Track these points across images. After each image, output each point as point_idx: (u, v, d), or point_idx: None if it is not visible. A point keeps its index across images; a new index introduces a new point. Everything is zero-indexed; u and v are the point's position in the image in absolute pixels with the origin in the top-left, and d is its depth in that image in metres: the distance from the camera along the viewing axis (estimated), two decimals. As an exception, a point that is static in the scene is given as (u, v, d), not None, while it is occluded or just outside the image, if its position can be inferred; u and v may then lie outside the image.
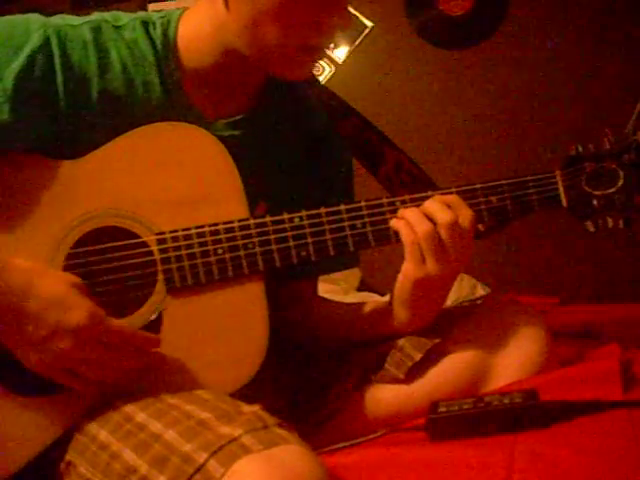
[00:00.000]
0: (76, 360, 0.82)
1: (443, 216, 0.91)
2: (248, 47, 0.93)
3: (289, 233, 0.92)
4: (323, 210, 0.93)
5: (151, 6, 2.82)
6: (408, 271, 0.93)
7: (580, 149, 0.96)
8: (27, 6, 0.98)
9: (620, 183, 0.94)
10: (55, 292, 0.81)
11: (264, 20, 0.90)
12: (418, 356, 0.98)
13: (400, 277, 0.95)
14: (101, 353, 0.82)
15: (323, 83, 2.78)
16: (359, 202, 0.94)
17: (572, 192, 0.95)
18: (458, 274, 0.96)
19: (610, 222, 0.96)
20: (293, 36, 0.91)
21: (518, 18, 2.69)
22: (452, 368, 0.99)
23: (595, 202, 0.95)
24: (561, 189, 0.95)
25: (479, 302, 1.43)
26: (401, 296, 0.96)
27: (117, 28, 0.95)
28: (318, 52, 0.96)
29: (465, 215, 0.92)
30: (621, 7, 2.59)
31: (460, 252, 0.92)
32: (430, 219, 0.92)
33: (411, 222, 0.92)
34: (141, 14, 0.98)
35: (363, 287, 2.59)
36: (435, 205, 0.92)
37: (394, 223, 0.93)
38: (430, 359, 0.99)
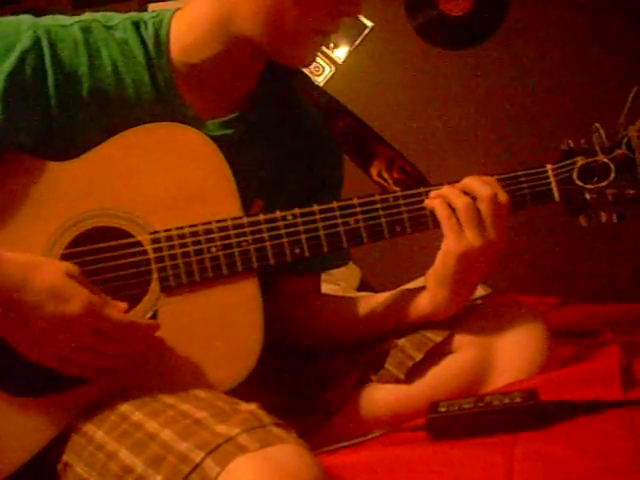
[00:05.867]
0: (77, 349, 0.82)
1: (485, 190, 0.93)
2: (260, 31, 0.93)
3: (282, 231, 0.92)
4: (316, 207, 0.93)
5: (151, 6, 2.81)
6: (449, 245, 0.93)
7: (571, 144, 0.97)
8: (28, 7, 0.98)
9: (612, 177, 0.95)
10: (51, 284, 0.80)
11: (284, 4, 0.90)
12: (419, 356, 0.98)
13: (441, 254, 0.95)
14: (101, 341, 0.82)
15: (323, 83, 2.78)
16: (351, 199, 0.94)
17: (564, 186, 0.96)
18: (498, 253, 0.96)
19: (603, 217, 0.97)
20: (310, 21, 0.92)
21: (518, 18, 2.69)
22: (452, 368, 0.99)
23: (588, 196, 0.96)
24: (553, 183, 0.96)
25: (479, 302, 1.43)
26: (442, 274, 0.95)
27: (108, 28, 0.95)
28: (327, 38, 0.97)
29: (503, 193, 0.95)
30: (620, 7, 2.59)
31: (498, 228, 0.93)
32: (468, 194, 0.93)
33: (447, 197, 0.93)
34: (133, 14, 0.98)
35: (363, 287, 2.59)
36: (475, 182, 0.95)
37: (428, 203, 0.95)
38: (430, 359, 0.99)
